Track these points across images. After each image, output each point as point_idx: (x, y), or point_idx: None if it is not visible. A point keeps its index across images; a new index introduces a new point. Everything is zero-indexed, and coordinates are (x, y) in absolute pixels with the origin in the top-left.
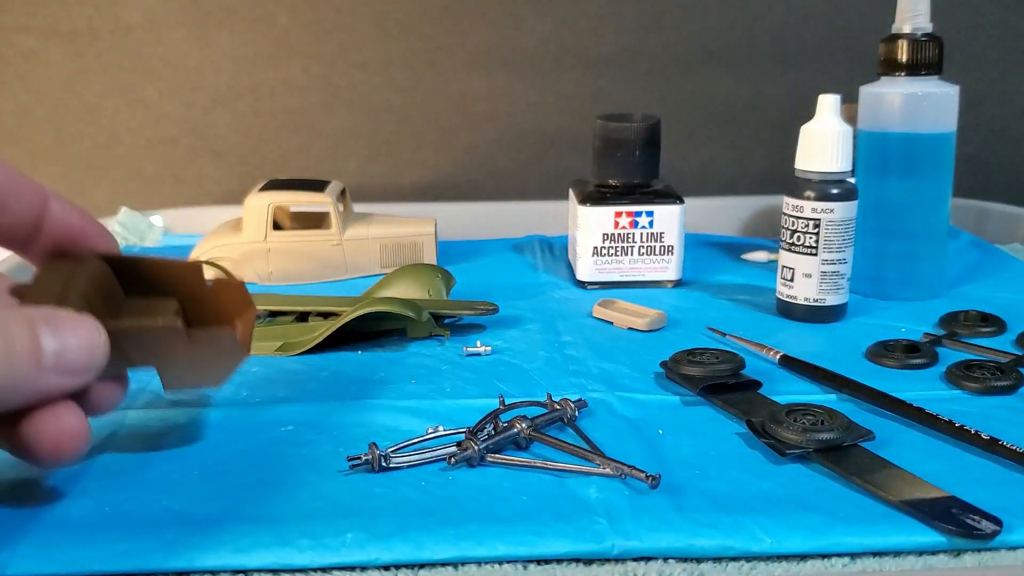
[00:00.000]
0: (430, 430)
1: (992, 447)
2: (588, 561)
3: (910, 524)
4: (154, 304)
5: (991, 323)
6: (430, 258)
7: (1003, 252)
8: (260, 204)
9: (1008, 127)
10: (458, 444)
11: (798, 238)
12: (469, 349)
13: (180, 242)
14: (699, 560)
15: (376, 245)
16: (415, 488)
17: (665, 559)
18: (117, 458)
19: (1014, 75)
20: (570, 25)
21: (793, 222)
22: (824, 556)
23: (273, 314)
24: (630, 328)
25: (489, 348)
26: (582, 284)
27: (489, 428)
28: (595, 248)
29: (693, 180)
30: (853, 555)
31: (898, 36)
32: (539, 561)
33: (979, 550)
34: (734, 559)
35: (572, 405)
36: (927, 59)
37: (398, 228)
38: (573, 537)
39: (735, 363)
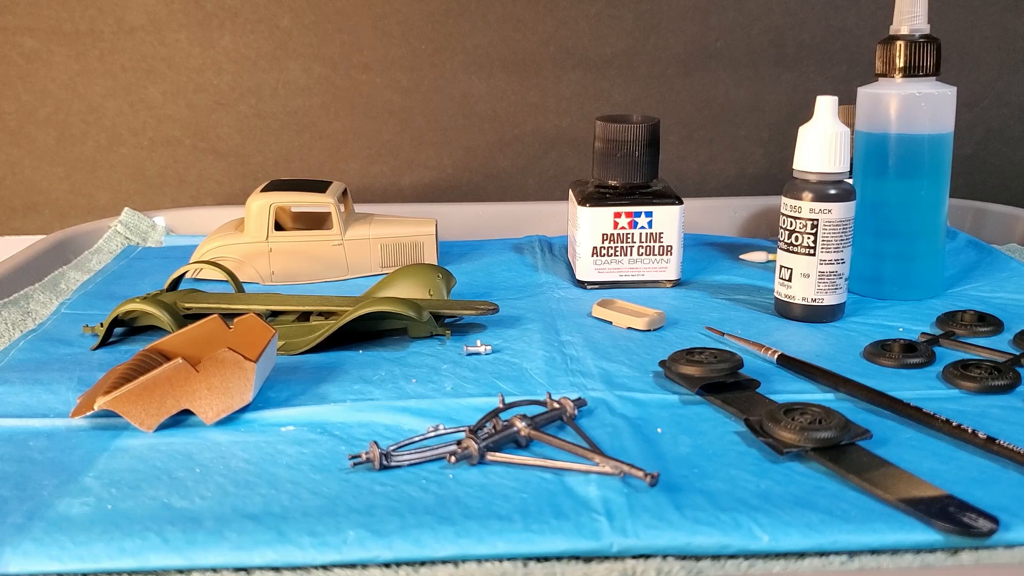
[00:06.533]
0: (430, 429)
1: (989, 446)
2: (587, 559)
3: (907, 522)
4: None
5: (988, 323)
6: (431, 258)
7: (1000, 252)
8: (262, 204)
9: (1005, 128)
10: (458, 443)
11: (796, 238)
12: (469, 348)
13: (182, 242)
14: (697, 558)
15: (377, 245)
16: (416, 486)
17: (664, 557)
18: (119, 457)
19: (1011, 76)
20: (570, 27)
21: (791, 222)
22: (822, 554)
23: (274, 314)
24: (629, 328)
25: (489, 347)
26: (582, 284)
27: (489, 427)
28: (594, 248)
29: (692, 181)
30: (851, 553)
31: (895, 38)
32: (539, 559)
33: (976, 548)
34: (732, 557)
35: (571, 404)
36: (924, 61)
37: (399, 228)
38: (572, 535)
39: (733, 362)
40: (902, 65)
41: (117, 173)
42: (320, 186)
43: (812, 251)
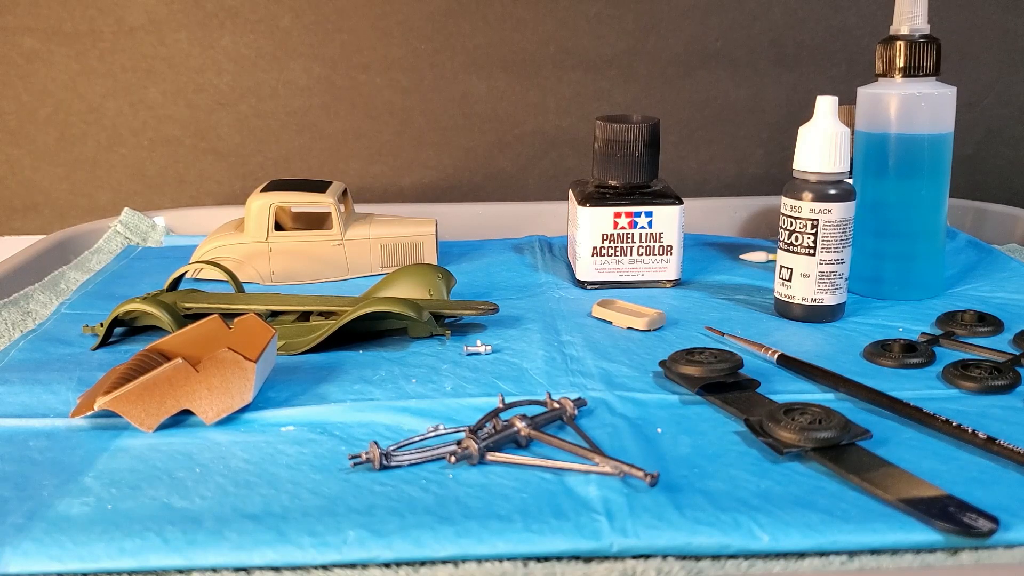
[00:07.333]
0: (430, 429)
1: (989, 446)
2: (587, 559)
3: (907, 522)
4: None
5: (988, 323)
6: (431, 258)
7: (1000, 252)
8: (262, 204)
9: (1005, 128)
10: (458, 443)
11: (796, 238)
12: (469, 348)
13: (182, 242)
14: (697, 558)
15: (377, 245)
16: (416, 486)
17: (664, 557)
18: (119, 457)
19: (1011, 76)
20: (570, 27)
21: (791, 222)
22: (822, 554)
23: (274, 314)
24: (629, 328)
25: (489, 347)
26: (582, 284)
27: (489, 427)
28: (594, 248)
29: (692, 181)
30: (851, 553)
31: (896, 38)
32: (539, 559)
33: (976, 548)
34: (732, 557)
35: (571, 404)
36: (924, 61)
37: (399, 228)
38: (572, 535)
39: (733, 362)
40: (902, 65)
41: (117, 173)
42: (320, 186)
43: (812, 251)
